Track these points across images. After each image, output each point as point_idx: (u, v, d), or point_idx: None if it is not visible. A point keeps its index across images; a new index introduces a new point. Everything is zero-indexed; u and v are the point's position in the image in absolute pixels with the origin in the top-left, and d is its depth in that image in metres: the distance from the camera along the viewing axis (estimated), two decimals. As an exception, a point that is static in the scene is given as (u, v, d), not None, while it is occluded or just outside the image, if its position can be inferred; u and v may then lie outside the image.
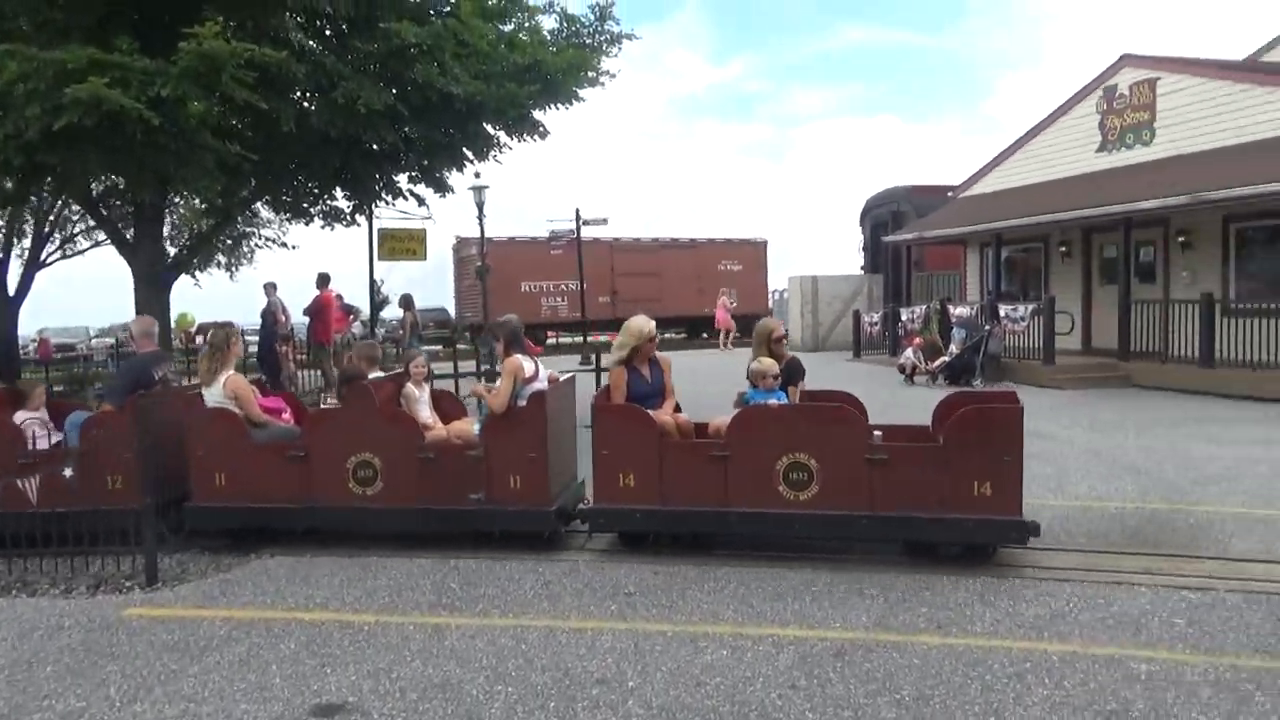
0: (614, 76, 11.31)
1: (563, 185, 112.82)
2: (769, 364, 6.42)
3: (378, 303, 19.70)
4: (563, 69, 10.20)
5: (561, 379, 6.79)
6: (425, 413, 6.95)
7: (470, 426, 6.73)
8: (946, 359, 16.23)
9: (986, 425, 5.64)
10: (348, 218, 13.12)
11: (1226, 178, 13.61)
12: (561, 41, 11.05)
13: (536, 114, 11.27)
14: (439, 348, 22.89)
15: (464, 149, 11.42)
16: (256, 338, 16.00)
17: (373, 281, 15.69)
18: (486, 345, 13.09)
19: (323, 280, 14.91)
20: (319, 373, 15.01)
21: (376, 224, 14.63)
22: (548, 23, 11.30)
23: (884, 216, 25.74)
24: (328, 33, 10.46)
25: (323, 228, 13.29)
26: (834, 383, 7.97)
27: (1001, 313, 16.61)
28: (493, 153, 11.64)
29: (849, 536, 5.97)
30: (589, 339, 25.11)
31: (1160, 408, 12.18)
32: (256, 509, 6.47)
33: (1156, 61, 16.91)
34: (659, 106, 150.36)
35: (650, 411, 6.13)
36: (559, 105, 11.03)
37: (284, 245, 20.81)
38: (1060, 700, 3.88)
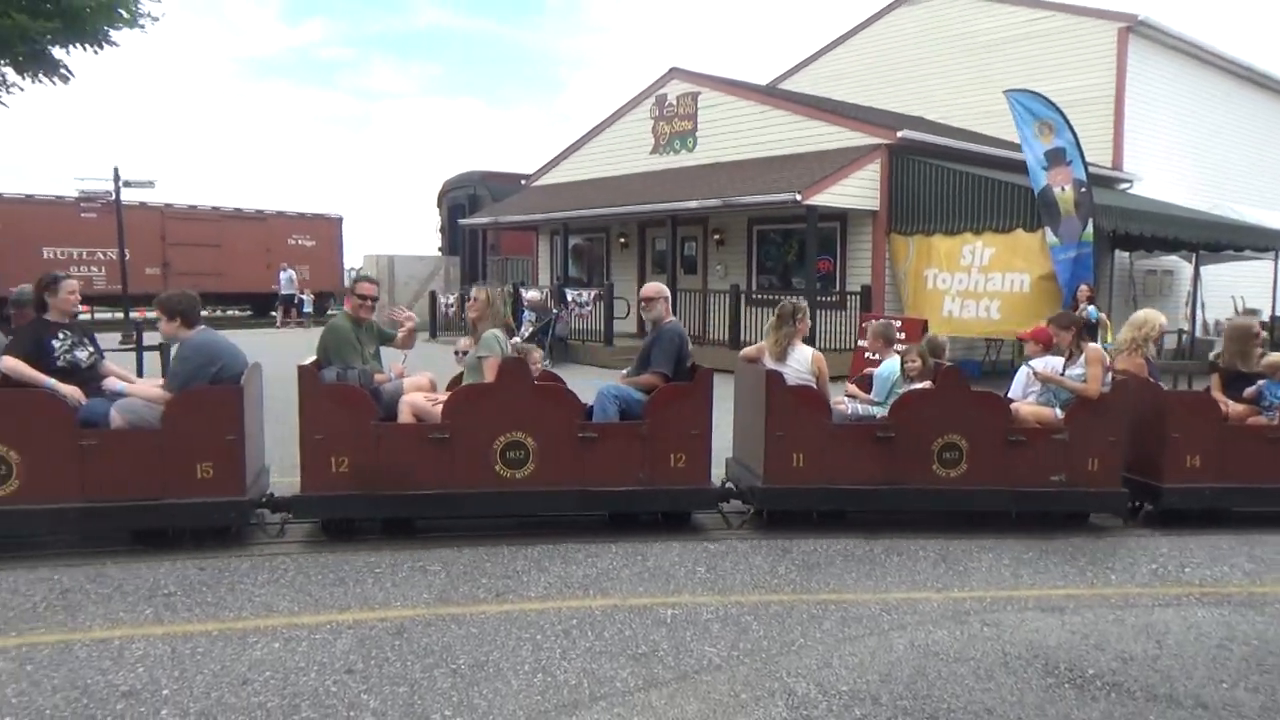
0: (156, 20, 10.09)
1: (107, 144, 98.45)
2: None
3: None
4: (90, 5, 8.85)
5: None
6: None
7: (1047, 410, 6.57)
8: (518, 340, 16.88)
9: None
10: None
11: (749, 186, 15.80)
12: (89, -27, 9.59)
13: (56, 52, 9.69)
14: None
15: (-46, 83, 9.47)
16: None
17: None
18: None
19: None
20: None
21: None
22: (72, -52, 9.73)
23: (461, 199, 26.06)
24: None
25: None
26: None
27: (568, 297, 17.70)
28: (-4, 91, 9.80)
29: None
30: (131, 315, 22.19)
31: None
32: (834, 491, 6.26)
33: (700, 78, 19.07)
34: (224, 64, 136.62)
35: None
36: (86, 45, 9.57)
37: None
38: (601, 649, 4.25)
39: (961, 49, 20.99)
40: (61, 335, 5.74)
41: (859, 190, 15.54)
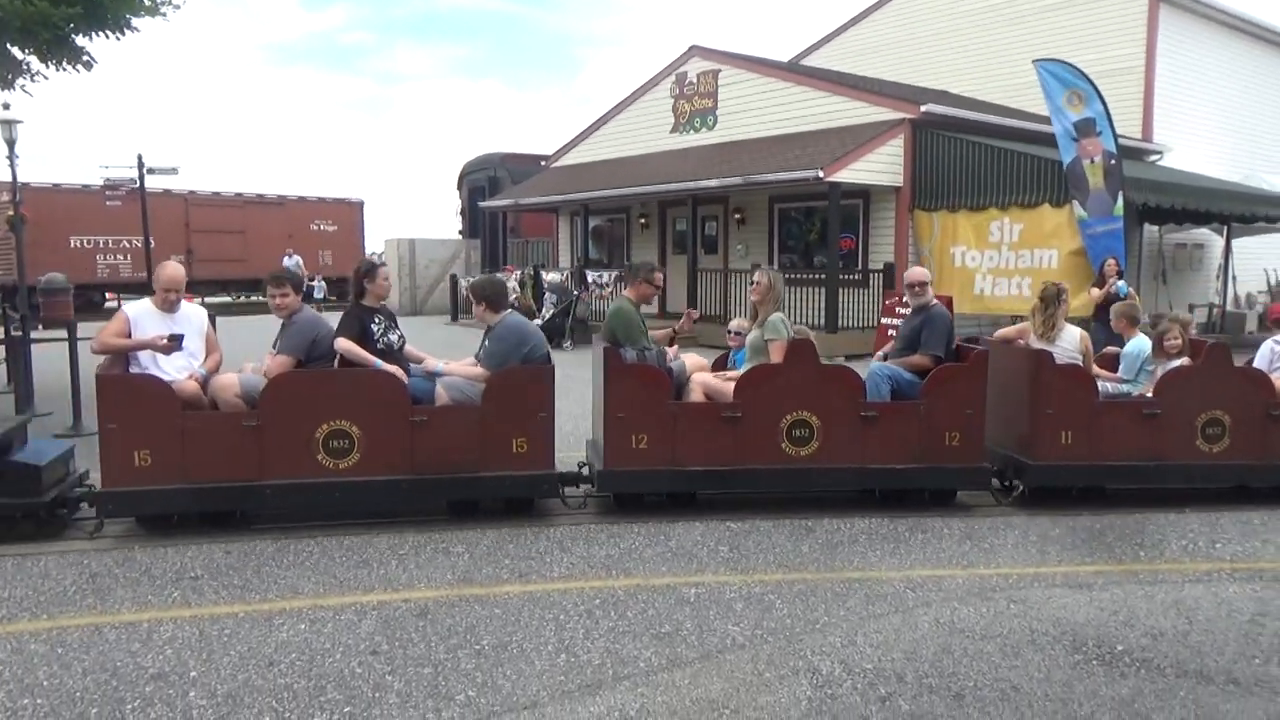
0: (178, 8, 10.09)
1: (133, 132, 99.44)
2: None
3: None
4: (109, -8, 8.89)
5: None
6: None
7: None
8: (539, 322, 16.90)
9: None
10: None
11: (770, 163, 15.65)
12: (107, -41, 9.59)
13: (80, 40, 9.73)
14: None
15: (-24, 73, 9.54)
16: None
17: None
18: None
19: None
20: None
21: None
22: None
23: (481, 182, 26.03)
24: None
25: None
26: (435, 346, 7.84)
27: (589, 279, 17.67)
28: (20, 80, 9.85)
29: None
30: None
31: (720, 364, 13.76)
32: (1100, 468, 6.32)
33: (720, 55, 18.88)
34: (248, 51, 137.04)
35: None
36: (108, 33, 9.60)
37: None
38: (623, 629, 4.25)
39: (986, 22, 20.64)
40: (378, 319, 6.01)
41: (882, 166, 15.36)
